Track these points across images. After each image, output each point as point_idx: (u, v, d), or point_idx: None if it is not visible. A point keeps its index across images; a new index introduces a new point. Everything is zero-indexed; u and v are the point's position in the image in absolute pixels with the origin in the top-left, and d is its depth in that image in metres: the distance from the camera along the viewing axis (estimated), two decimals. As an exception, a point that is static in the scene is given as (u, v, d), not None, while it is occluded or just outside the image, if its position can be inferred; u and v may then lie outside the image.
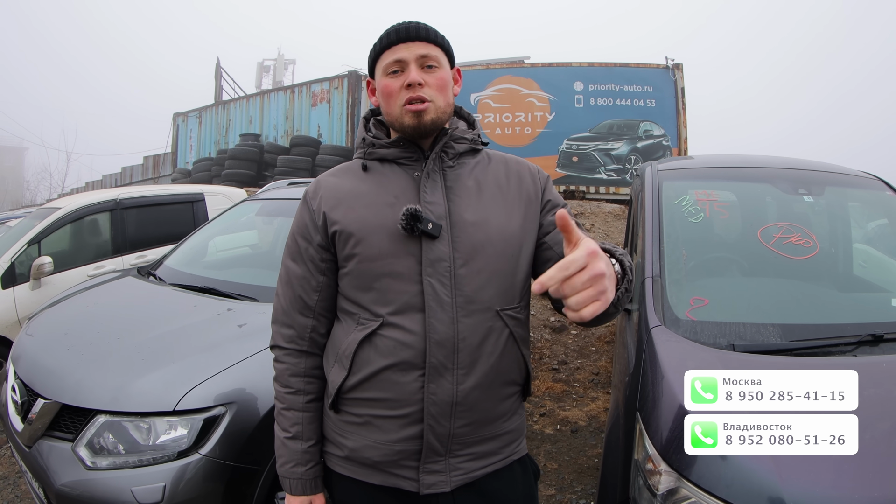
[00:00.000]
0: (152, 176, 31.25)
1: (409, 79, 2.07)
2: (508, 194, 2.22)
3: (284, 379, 2.22)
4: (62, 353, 3.87)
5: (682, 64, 18.48)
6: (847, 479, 2.23)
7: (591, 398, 7.00)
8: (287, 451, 2.19)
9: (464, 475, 2.12)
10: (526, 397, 2.35)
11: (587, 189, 18.50)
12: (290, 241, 2.25)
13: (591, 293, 1.48)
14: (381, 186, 2.14)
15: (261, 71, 35.45)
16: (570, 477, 5.29)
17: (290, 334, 2.22)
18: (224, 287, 4.66)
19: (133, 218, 8.99)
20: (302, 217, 2.21)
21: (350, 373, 2.07)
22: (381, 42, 2.14)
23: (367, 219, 2.07)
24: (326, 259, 2.16)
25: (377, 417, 2.07)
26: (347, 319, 2.15)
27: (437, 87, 2.12)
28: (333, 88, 23.35)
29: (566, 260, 1.47)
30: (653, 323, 3.16)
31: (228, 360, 3.50)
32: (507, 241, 2.13)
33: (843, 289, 3.92)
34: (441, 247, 2.04)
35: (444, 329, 2.00)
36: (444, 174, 2.16)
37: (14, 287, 7.66)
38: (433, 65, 2.12)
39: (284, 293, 2.24)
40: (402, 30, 2.11)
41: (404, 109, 2.08)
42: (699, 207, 4.01)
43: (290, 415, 2.20)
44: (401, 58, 2.09)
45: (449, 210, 2.10)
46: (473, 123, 2.34)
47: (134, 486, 3.12)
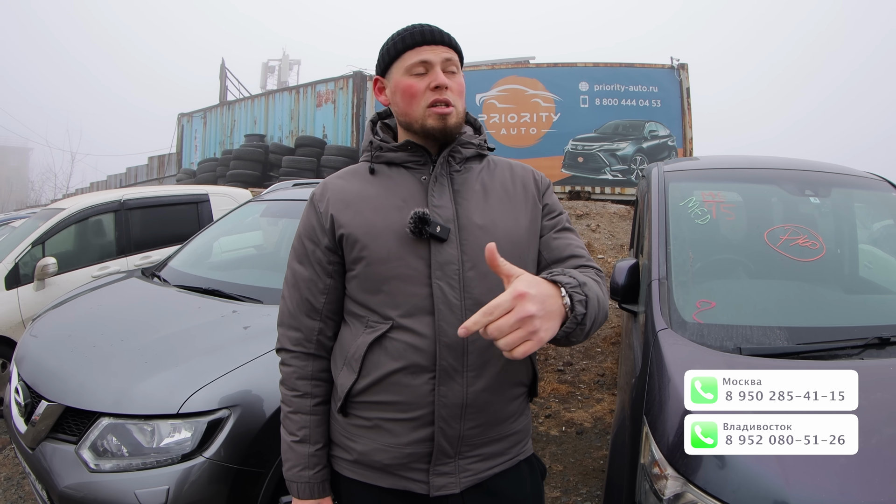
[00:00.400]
0: (157, 176, 31.32)
1: (439, 81, 2.08)
2: (515, 198, 2.23)
3: (291, 382, 2.20)
4: (66, 355, 3.86)
5: (688, 64, 18.47)
6: (854, 484, 2.22)
7: (596, 400, 6.99)
8: (294, 454, 2.17)
9: (473, 476, 2.11)
10: (532, 398, 2.35)
11: (592, 189, 18.51)
12: (297, 244, 2.23)
13: (519, 335, 1.57)
14: (388, 190, 2.13)
15: (265, 71, 35.48)
16: (576, 479, 5.27)
17: (297, 337, 2.21)
18: (229, 289, 4.65)
19: (137, 219, 8.96)
20: (309, 219, 2.20)
21: (360, 376, 2.06)
22: (404, 41, 2.13)
23: (376, 222, 2.06)
24: (334, 262, 2.15)
25: (387, 420, 2.06)
26: (355, 322, 2.14)
27: (458, 92, 2.14)
28: (339, 89, 23.39)
29: (490, 304, 1.58)
30: (659, 326, 3.15)
31: (233, 362, 3.48)
32: (514, 244, 2.14)
33: (849, 291, 3.90)
34: (449, 250, 2.04)
35: (453, 332, 1.99)
36: (451, 178, 2.16)
37: (18, 288, 7.64)
38: (454, 70, 2.13)
39: (291, 296, 2.23)
40: (428, 32, 2.11)
41: (429, 111, 2.09)
42: (706, 209, 3.99)
43: (297, 418, 2.18)
44: (427, 59, 2.09)
45: (457, 213, 2.09)
46: (480, 129, 2.34)
47: (138, 489, 3.11)
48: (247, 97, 28.29)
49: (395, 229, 2.04)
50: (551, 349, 8.51)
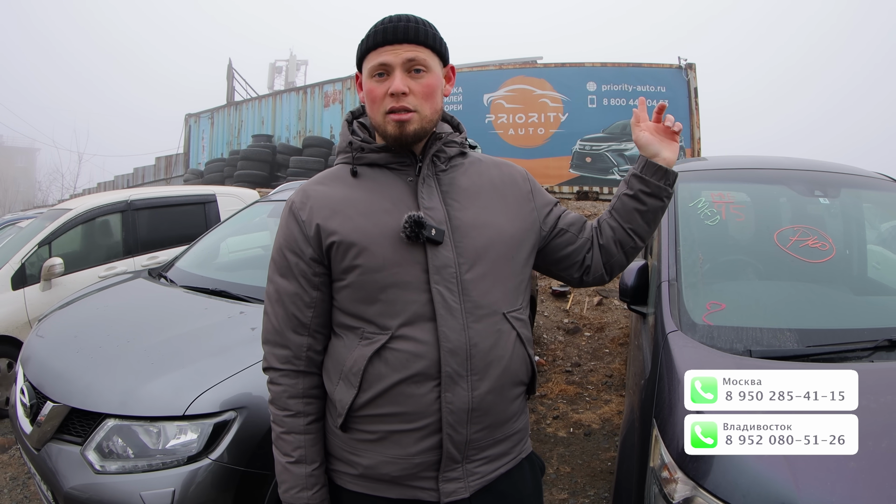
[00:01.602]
0: (164, 177, 31.38)
1: (393, 87, 2.00)
2: (505, 196, 2.22)
3: (282, 402, 2.14)
4: (72, 356, 3.85)
5: (695, 64, 18.45)
6: (864, 488, 2.21)
7: (604, 401, 6.98)
8: (291, 476, 2.12)
9: (480, 479, 2.10)
10: (530, 396, 2.34)
11: (600, 190, 18.51)
12: (277, 256, 2.16)
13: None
14: (374, 193, 2.09)
15: (272, 72, 35.58)
16: (583, 481, 5.26)
17: (285, 354, 2.14)
18: (236, 290, 4.63)
19: (145, 219, 9.00)
20: (290, 230, 2.13)
21: (360, 390, 2.01)
22: (366, 41, 2.07)
23: (367, 228, 2.01)
24: (319, 273, 2.09)
25: (393, 433, 2.02)
26: (348, 334, 2.09)
27: (423, 94, 2.05)
28: (346, 89, 23.43)
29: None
30: (669, 328, 3.14)
31: (240, 364, 3.47)
32: (508, 243, 2.13)
33: (858, 292, 3.90)
34: (445, 253, 2.01)
35: (455, 337, 1.97)
36: (438, 178, 2.13)
37: (24, 288, 7.67)
38: (421, 69, 2.04)
39: (275, 312, 2.15)
40: (390, 30, 2.03)
41: (387, 118, 2.04)
42: (715, 210, 3.98)
43: (290, 439, 2.13)
44: (385, 61, 2.02)
45: (448, 215, 2.07)
46: (458, 126, 2.31)
47: (143, 491, 3.10)
48: (254, 97, 28.34)
49: (388, 234, 2.00)
50: (559, 350, 8.51)
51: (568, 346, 8.71)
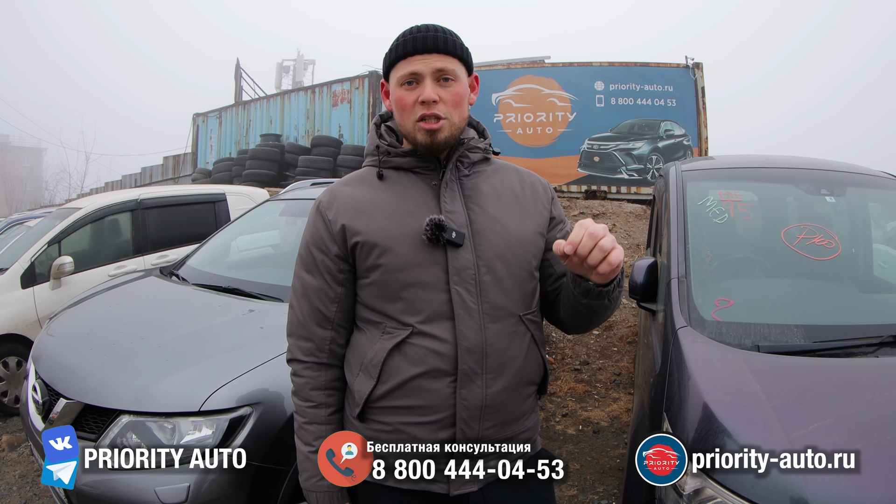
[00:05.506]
0: (172, 176, 31.35)
1: (424, 95, 2.05)
2: (525, 203, 2.24)
3: (305, 393, 2.19)
4: (85, 353, 3.89)
5: (703, 63, 18.40)
6: (872, 480, 2.23)
7: (612, 399, 7.00)
8: (312, 464, 2.15)
9: (490, 473, 2.13)
10: (542, 395, 2.37)
11: (608, 189, 18.44)
12: (304, 253, 2.23)
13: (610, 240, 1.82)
14: (399, 195, 2.13)
15: (280, 71, 35.55)
16: (593, 477, 5.28)
17: (309, 347, 2.20)
18: (248, 287, 4.65)
19: (154, 218, 8.99)
20: (317, 228, 2.18)
21: (379, 382, 2.06)
22: (395, 51, 2.11)
23: (390, 229, 2.06)
24: (344, 270, 2.14)
25: (408, 424, 2.07)
26: (371, 328, 2.14)
27: (453, 102, 2.10)
28: (354, 89, 23.37)
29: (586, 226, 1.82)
30: (679, 324, 3.18)
31: (254, 360, 3.50)
32: (526, 247, 2.17)
33: (864, 290, 3.94)
34: (465, 255, 2.05)
35: (473, 336, 2.02)
36: (461, 183, 2.16)
37: (34, 287, 7.70)
38: (449, 78, 2.09)
39: (300, 305, 2.22)
40: (420, 40, 2.07)
41: (418, 126, 2.07)
42: (723, 208, 4.00)
43: (312, 429, 2.18)
44: (416, 70, 2.06)
45: (469, 219, 2.11)
46: (484, 132, 2.33)
47: (158, 487, 3.13)
48: (262, 97, 28.27)
49: (410, 236, 2.05)
50: (568, 348, 8.51)
51: (577, 344, 8.71)
